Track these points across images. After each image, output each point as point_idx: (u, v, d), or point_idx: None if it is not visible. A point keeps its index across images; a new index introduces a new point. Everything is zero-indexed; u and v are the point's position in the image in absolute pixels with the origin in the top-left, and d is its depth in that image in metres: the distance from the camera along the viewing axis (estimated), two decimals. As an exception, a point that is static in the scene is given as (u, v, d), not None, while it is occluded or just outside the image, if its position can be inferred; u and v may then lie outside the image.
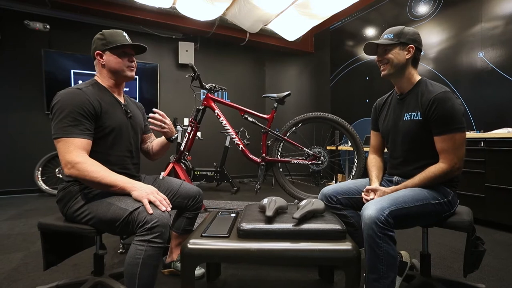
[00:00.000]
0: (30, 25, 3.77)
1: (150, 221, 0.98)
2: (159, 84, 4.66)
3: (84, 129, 1.08)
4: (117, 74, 1.25)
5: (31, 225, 2.46)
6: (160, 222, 0.99)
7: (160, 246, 1.01)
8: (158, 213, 1.01)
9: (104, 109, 1.17)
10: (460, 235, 1.85)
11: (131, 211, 1.02)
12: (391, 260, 0.98)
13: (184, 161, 2.37)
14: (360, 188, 1.33)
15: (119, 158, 1.23)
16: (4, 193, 3.76)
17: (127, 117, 1.29)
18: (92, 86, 1.21)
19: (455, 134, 1.10)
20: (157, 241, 0.99)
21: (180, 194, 1.39)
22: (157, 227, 0.99)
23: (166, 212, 1.04)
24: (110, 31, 1.26)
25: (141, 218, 1.00)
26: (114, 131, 1.20)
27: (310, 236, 1.05)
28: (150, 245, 0.99)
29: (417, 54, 1.24)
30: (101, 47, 1.22)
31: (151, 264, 1.00)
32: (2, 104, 3.78)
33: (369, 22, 4.31)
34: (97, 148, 1.15)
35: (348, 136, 2.12)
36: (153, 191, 1.09)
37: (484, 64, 2.84)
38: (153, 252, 0.99)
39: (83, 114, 1.08)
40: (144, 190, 1.08)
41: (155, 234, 0.99)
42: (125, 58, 1.25)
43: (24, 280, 1.49)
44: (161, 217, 1.00)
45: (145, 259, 0.98)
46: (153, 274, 1.02)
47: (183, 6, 3.89)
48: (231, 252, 1.04)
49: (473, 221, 1.14)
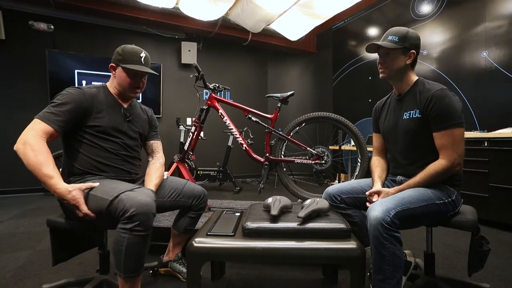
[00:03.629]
0: (34, 26, 3.80)
1: (129, 210, 0.98)
2: (162, 84, 4.68)
3: (59, 120, 1.12)
4: (122, 90, 1.31)
5: (35, 224, 2.48)
6: (139, 211, 0.98)
7: (142, 234, 1.00)
8: (137, 201, 1.00)
9: (97, 109, 1.22)
10: (463, 234, 1.85)
11: (111, 200, 1.02)
12: (397, 260, 0.99)
13: (188, 160, 2.38)
14: (364, 188, 1.34)
15: (112, 156, 1.25)
16: (9, 192, 3.79)
17: (126, 120, 1.31)
18: (97, 88, 1.29)
19: (453, 130, 1.10)
20: (138, 229, 0.99)
21: (184, 194, 1.39)
22: (136, 216, 0.98)
23: (147, 199, 1.03)
24: (129, 49, 1.29)
25: (121, 206, 1.00)
26: (106, 131, 1.23)
27: (315, 235, 1.05)
28: (132, 233, 0.99)
29: (416, 58, 1.25)
30: (116, 61, 1.28)
31: (135, 251, 1.01)
32: (7, 104, 3.81)
33: (371, 22, 4.30)
34: (87, 147, 1.21)
35: (351, 136, 2.12)
36: (68, 195, 1.03)
37: (488, 63, 2.83)
38: (135, 239, 0.99)
39: (70, 109, 1.14)
40: (64, 190, 1.04)
41: (135, 222, 0.98)
42: (134, 79, 1.30)
43: (31, 278, 1.50)
44: (140, 205, 0.99)
45: (128, 246, 0.99)
46: (138, 260, 1.04)
47: (186, 6, 3.90)
48: (236, 250, 1.05)
49: (477, 221, 1.14)
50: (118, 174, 1.26)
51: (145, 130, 1.43)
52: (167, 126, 4.62)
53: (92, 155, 1.21)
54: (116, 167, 1.26)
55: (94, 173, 1.21)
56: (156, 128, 1.51)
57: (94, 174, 1.21)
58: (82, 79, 4.09)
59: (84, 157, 1.20)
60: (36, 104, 3.87)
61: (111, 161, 1.25)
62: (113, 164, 1.25)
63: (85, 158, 1.20)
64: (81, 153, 1.21)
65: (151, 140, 1.47)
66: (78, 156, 1.20)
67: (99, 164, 1.22)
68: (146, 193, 1.08)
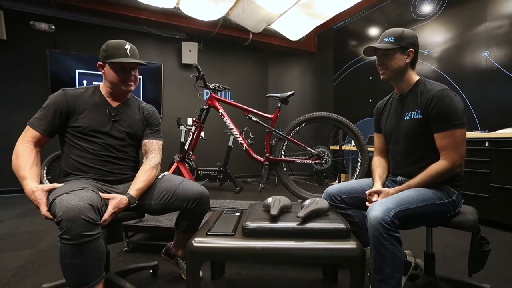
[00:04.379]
0: (35, 26, 3.80)
1: (57, 215, 0.91)
2: (162, 84, 4.68)
3: (43, 124, 1.18)
4: (114, 86, 1.29)
5: (36, 223, 2.49)
6: (64, 217, 0.89)
7: (69, 243, 0.90)
8: (64, 206, 0.91)
9: (79, 110, 1.23)
10: (464, 235, 1.84)
11: (50, 203, 0.99)
12: (396, 261, 0.99)
13: (188, 160, 2.38)
14: (364, 188, 1.33)
15: (93, 157, 1.22)
16: (9, 191, 3.80)
17: (111, 120, 1.27)
18: (86, 89, 1.30)
19: (454, 131, 1.10)
20: (64, 237, 0.90)
21: (177, 196, 1.24)
22: (61, 222, 0.90)
23: (78, 203, 0.93)
24: (113, 44, 1.26)
25: (53, 211, 0.96)
26: (85, 131, 1.21)
27: (315, 235, 1.05)
28: (62, 242, 0.91)
29: (415, 57, 1.25)
30: (102, 59, 1.26)
31: (69, 263, 0.92)
32: (8, 104, 3.82)
33: (372, 22, 4.30)
34: (70, 148, 1.22)
35: (352, 136, 2.12)
36: (31, 196, 1.01)
37: (489, 63, 2.82)
38: (65, 249, 0.91)
39: (50, 111, 1.19)
40: (28, 190, 1.02)
41: (62, 230, 0.90)
42: (123, 73, 1.25)
43: (31, 277, 1.51)
44: (66, 209, 0.90)
45: (62, 256, 0.92)
46: (78, 272, 0.93)
47: (187, 6, 3.90)
48: (236, 250, 1.05)
49: (478, 221, 1.14)
50: (99, 175, 1.23)
51: (135, 130, 1.34)
52: (168, 126, 4.63)
53: (74, 156, 1.21)
54: (97, 168, 1.22)
55: (75, 174, 1.20)
56: (154, 127, 1.41)
57: (75, 174, 1.20)
58: (83, 79, 4.10)
59: (68, 158, 1.22)
60: (37, 104, 3.85)
61: (91, 162, 1.22)
62: (93, 165, 1.22)
63: (69, 159, 1.22)
64: (66, 154, 1.23)
65: (145, 139, 1.37)
66: (64, 157, 1.24)
67: (80, 165, 1.21)
68: (81, 196, 0.97)
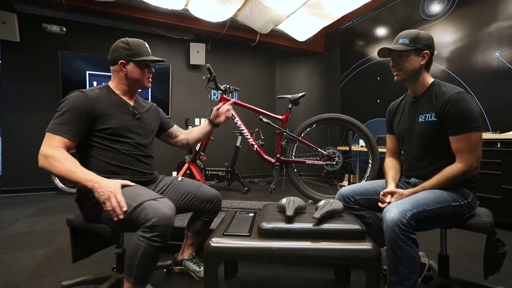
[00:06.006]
0: (47, 28, 3.88)
1: (150, 219, 0.99)
2: (170, 84, 4.73)
3: (69, 129, 1.11)
4: (137, 84, 1.30)
5: (51, 222, 2.54)
6: (159, 223, 0.99)
7: (158, 246, 1.01)
8: (160, 212, 1.01)
9: (105, 111, 1.19)
10: (477, 237, 1.82)
11: (135, 207, 1.03)
12: (413, 262, 0.99)
13: (199, 161, 2.40)
14: (377, 189, 1.34)
15: (126, 158, 1.24)
16: (22, 191, 3.88)
17: (135, 118, 1.30)
18: (100, 90, 1.25)
19: (470, 134, 1.10)
20: (156, 239, 1.00)
21: (198, 197, 1.38)
22: (157, 226, 0.99)
23: (170, 212, 1.03)
24: (135, 42, 1.27)
25: (144, 215, 1.00)
26: (117, 132, 1.21)
27: (331, 236, 1.07)
28: (150, 243, 0.99)
29: (430, 59, 1.24)
30: (125, 57, 1.24)
31: (149, 260, 1.03)
32: (21, 104, 3.91)
33: (380, 22, 4.27)
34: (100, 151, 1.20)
35: (362, 137, 2.12)
36: (110, 195, 1.02)
37: (500, 63, 2.79)
38: (151, 249, 1.00)
39: (75, 115, 1.12)
40: (103, 192, 1.03)
41: (155, 233, 0.99)
42: (146, 70, 1.30)
43: (49, 275, 1.55)
44: (162, 216, 1.00)
45: (143, 254, 1.00)
46: (149, 268, 1.05)
47: (195, 8, 3.94)
48: (252, 250, 1.06)
49: (493, 223, 1.14)
50: (134, 176, 1.24)
51: (155, 125, 1.43)
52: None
53: (106, 159, 1.20)
54: (131, 169, 1.25)
55: (110, 177, 1.18)
56: (165, 118, 1.54)
57: (110, 177, 1.18)
58: (93, 80, 4.16)
59: (98, 162, 1.19)
60: (49, 105, 3.96)
61: (125, 163, 1.23)
62: (128, 166, 1.24)
63: (100, 163, 1.19)
64: (95, 158, 1.19)
65: (171, 128, 1.55)
66: (92, 160, 1.19)
67: (114, 167, 1.20)
68: (169, 205, 1.07)
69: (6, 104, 3.85)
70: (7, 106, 3.85)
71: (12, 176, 3.85)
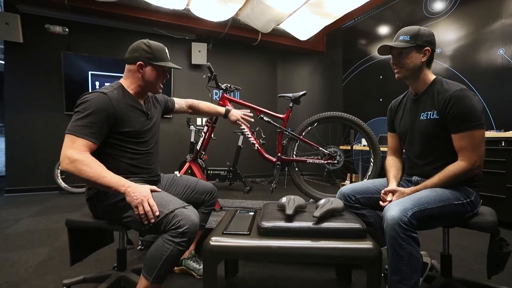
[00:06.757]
0: (50, 29, 3.91)
1: (183, 226, 1.03)
2: (172, 84, 4.74)
3: (93, 132, 1.08)
4: (150, 87, 1.30)
5: (53, 221, 2.55)
6: (191, 229, 1.04)
7: (184, 249, 1.06)
8: (191, 220, 1.06)
9: (125, 114, 1.18)
10: (479, 236, 1.80)
11: (167, 213, 1.06)
12: (414, 261, 0.98)
13: (200, 160, 2.40)
14: (379, 188, 1.33)
15: (143, 158, 1.27)
16: (26, 190, 3.91)
17: (147, 119, 1.31)
18: (117, 90, 1.22)
19: (473, 132, 1.08)
20: (184, 244, 1.04)
21: (197, 190, 1.48)
22: (187, 233, 1.04)
23: (197, 220, 1.08)
24: (157, 46, 1.26)
25: (175, 221, 1.04)
26: (135, 134, 1.22)
27: (331, 235, 1.06)
28: (177, 247, 1.03)
29: (432, 55, 1.23)
30: (145, 59, 1.23)
31: (172, 262, 1.06)
32: (24, 105, 3.93)
33: (383, 20, 4.25)
34: (120, 152, 1.20)
35: (364, 136, 2.11)
36: (143, 200, 1.05)
37: (505, 61, 2.76)
38: (177, 252, 1.04)
39: (100, 118, 1.10)
40: (136, 197, 1.04)
41: (185, 238, 1.04)
42: (162, 76, 1.31)
43: (51, 273, 1.56)
44: (193, 224, 1.06)
45: (169, 257, 1.03)
46: (170, 269, 1.09)
47: (197, 8, 3.94)
48: (252, 249, 1.06)
49: (497, 222, 1.12)
50: (150, 176, 1.30)
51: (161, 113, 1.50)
52: (178, 126, 4.68)
53: (125, 159, 1.20)
54: (149, 168, 1.29)
55: (128, 177, 1.16)
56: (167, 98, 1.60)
57: (129, 177, 1.17)
58: (96, 80, 4.18)
59: (117, 162, 1.19)
60: (52, 105, 4.00)
61: (143, 163, 1.26)
62: (145, 166, 1.27)
63: (118, 163, 1.19)
64: (113, 158, 1.18)
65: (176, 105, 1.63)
66: (110, 161, 1.17)
67: (132, 168, 1.22)
68: (196, 213, 1.11)
69: (10, 104, 3.88)
70: (11, 106, 3.88)
71: (16, 176, 3.87)
